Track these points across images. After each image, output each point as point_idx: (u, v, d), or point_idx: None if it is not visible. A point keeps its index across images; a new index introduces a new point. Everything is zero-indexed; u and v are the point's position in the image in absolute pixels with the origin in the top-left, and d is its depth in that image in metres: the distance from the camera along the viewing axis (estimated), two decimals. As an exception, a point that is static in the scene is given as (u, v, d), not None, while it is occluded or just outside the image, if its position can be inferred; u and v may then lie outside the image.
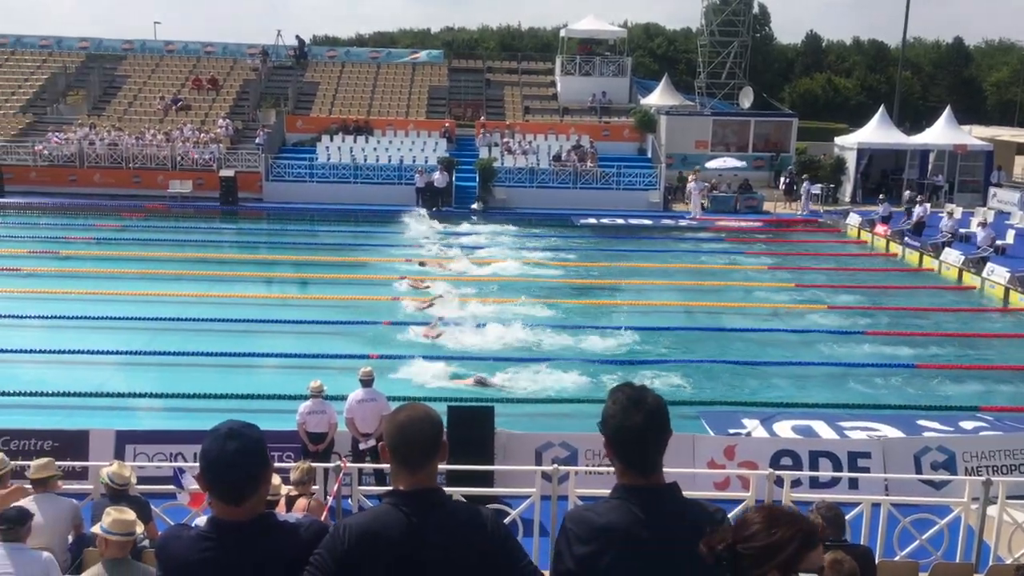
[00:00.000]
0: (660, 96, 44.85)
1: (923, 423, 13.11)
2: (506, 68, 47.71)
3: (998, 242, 26.53)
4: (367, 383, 10.72)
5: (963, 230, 28.77)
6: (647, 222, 33.05)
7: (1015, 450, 11.28)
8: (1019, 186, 40.46)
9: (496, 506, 8.36)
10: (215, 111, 40.19)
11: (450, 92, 43.60)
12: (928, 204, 32.35)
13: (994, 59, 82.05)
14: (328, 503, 8.33)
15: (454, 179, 34.96)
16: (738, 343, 17.72)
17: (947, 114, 39.56)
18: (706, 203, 34.96)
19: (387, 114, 41.07)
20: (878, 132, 39.20)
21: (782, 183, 37.97)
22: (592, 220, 32.74)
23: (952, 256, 25.02)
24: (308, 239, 29.11)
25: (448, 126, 39.47)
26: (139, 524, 6.00)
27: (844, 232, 31.99)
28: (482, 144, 38.08)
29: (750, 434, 12.37)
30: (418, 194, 34.20)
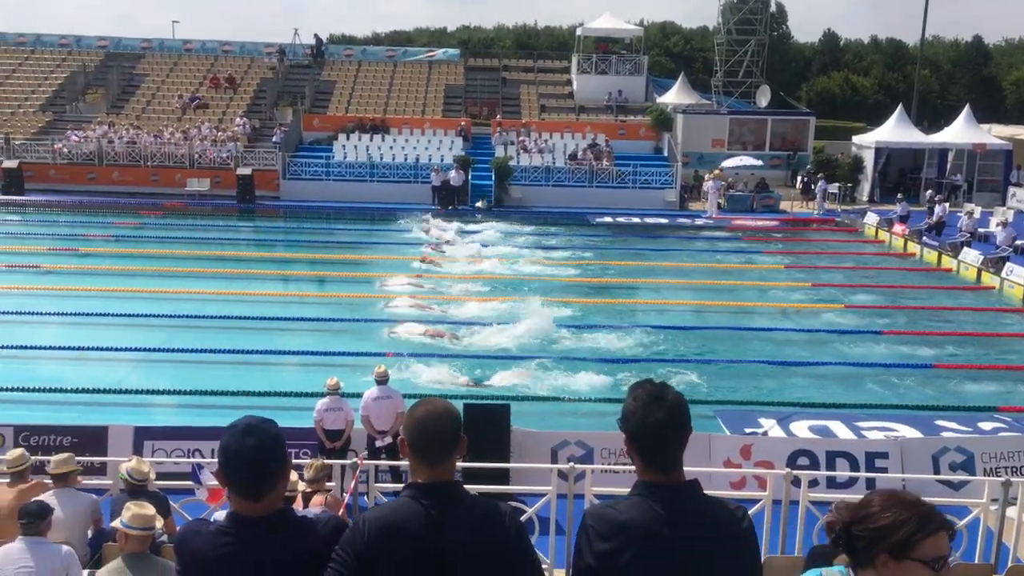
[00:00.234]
0: (676, 95, 44.73)
1: (941, 423, 13.03)
2: (522, 67, 47.70)
3: (1018, 242, 26.26)
4: (382, 381, 10.75)
5: (982, 230, 28.53)
6: (663, 221, 32.99)
7: (1034, 451, 11.19)
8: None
9: (512, 504, 8.36)
10: (232, 110, 40.38)
11: (466, 91, 43.63)
12: (947, 204, 32.11)
13: (1014, 58, 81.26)
14: (345, 500, 8.36)
15: (470, 178, 34.99)
16: (754, 342, 17.66)
17: (966, 113, 39.24)
18: (722, 202, 34.85)
19: (403, 113, 41.15)
20: (896, 131, 38.93)
21: (799, 182, 37.80)
22: (608, 219, 32.70)
23: (971, 256, 24.84)
24: (325, 237, 29.19)
25: (464, 125, 39.51)
26: (158, 519, 6.04)
27: (861, 231, 31.81)
28: (498, 143, 38.09)
29: (766, 434, 12.33)
30: (434, 193, 34.25)
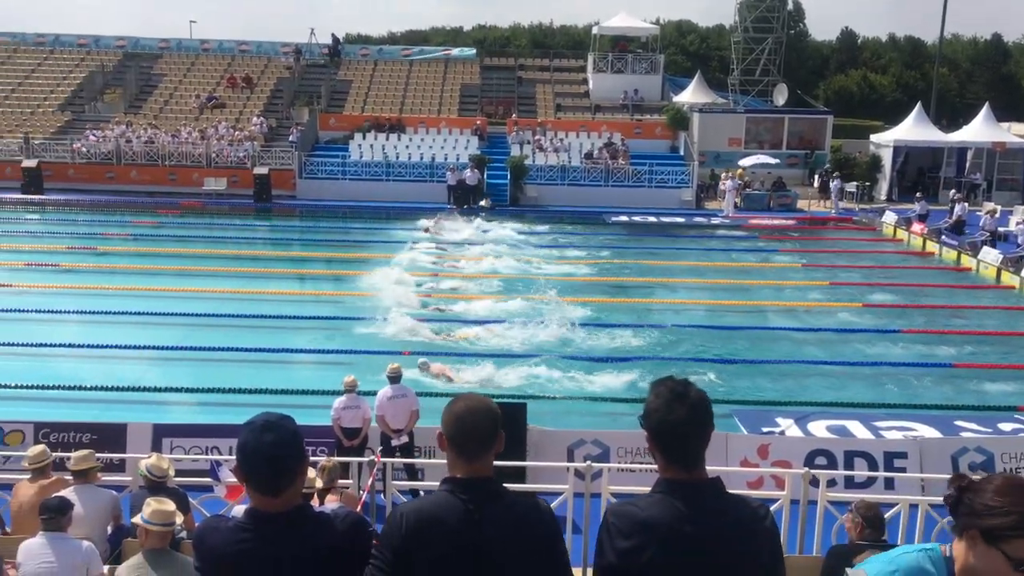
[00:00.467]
0: (692, 94, 44.58)
1: (960, 424, 12.92)
2: (538, 66, 47.67)
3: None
4: (395, 379, 10.74)
5: (1002, 228, 28.30)
6: (679, 220, 32.90)
7: (1055, 452, 11.08)
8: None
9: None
10: (249, 109, 40.56)
11: (482, 90, 43.65)
12: (966, 203, 31.87)
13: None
14: (362, 497, 8.38)
15: (485, 177, 35.00)
16: (771, 341, 17.56)
17: (985, 111, 38.95)
18: (739, 201, 34.72)
19: (419, 112, 41.21)
20: (915, 129, 38.68)
21: (816, 181, 37.60)
22: (624, 218, 32.64)
23: (990, 255, 24.64)
24: (341, 236, 29.27)
25: (480, 124, 39.53)
26: (179, 515, 6.07)
27: (879, 230, 31.61)
28: (514, 142, 38.08)
29: (784, 433, 12.27)
30: (450, 192, 34.28)
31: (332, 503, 7.39)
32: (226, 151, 36.33)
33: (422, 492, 9.41)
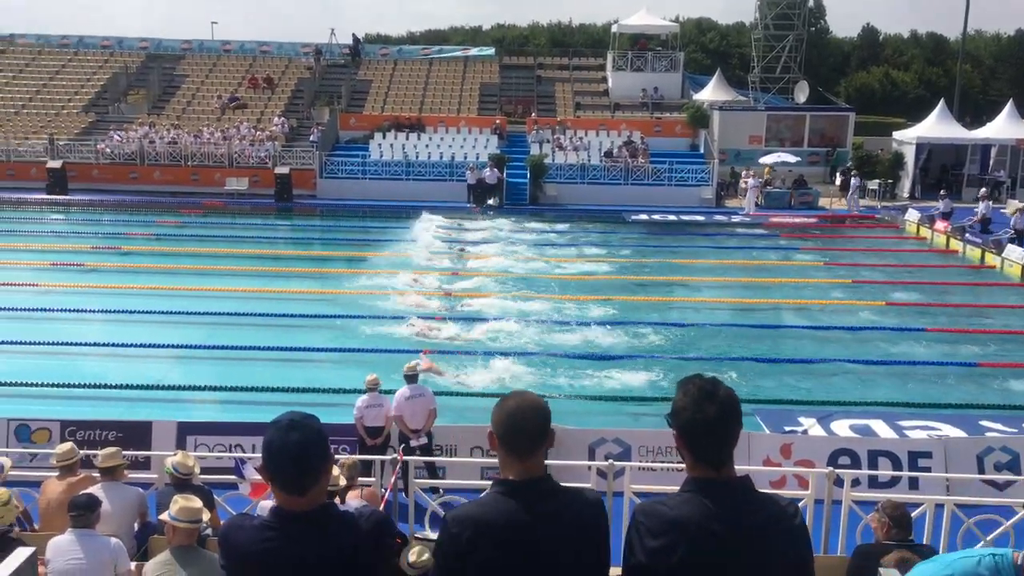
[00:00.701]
0: (712, 91, 44.36)
1: (985, 423, 12.81)
2: (557, 64, 47.61)
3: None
4: (412, 378, 10.76)
5: (1026, 226, 28.00)
6: (699, 218, 32.77)
7: (1082, 451, 10.96)
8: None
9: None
10: (270, 109, 40.77)
11: (501, 89, 43.64)
12: (990, 200, 31.56)
13: (1058, 51, 79.65)
14: (385, 495, 8.41)
15: (505, 176, 35.02)
16: (794, 340, 17.49)
17: (1009, 108, 38.53)
18: (760, 199, 34.55)
19: (439, 111, 41.27)
20: (938, 126, 38.31)
21: (838, 178, 37.34)
22: (644, 216, 32.54)
23: (1015, 253, 24.39)
24: (361, 235, 29.36)
25: (499, 123, 39.53)
26: (205, 512, 6.12)
27: (902, 228, 31.36)
28: (533, 140, 38.06)
29: (807, 432, 12.21)
30: (469, 191, 34.32)
31: (354, 500, 7.43)
32: (247, 151, 36.55)
33: (442, 491, 9.46)
